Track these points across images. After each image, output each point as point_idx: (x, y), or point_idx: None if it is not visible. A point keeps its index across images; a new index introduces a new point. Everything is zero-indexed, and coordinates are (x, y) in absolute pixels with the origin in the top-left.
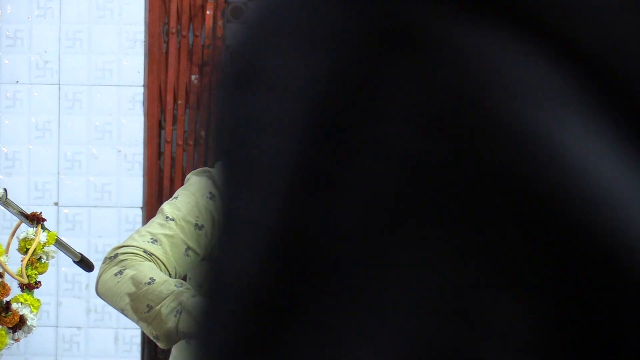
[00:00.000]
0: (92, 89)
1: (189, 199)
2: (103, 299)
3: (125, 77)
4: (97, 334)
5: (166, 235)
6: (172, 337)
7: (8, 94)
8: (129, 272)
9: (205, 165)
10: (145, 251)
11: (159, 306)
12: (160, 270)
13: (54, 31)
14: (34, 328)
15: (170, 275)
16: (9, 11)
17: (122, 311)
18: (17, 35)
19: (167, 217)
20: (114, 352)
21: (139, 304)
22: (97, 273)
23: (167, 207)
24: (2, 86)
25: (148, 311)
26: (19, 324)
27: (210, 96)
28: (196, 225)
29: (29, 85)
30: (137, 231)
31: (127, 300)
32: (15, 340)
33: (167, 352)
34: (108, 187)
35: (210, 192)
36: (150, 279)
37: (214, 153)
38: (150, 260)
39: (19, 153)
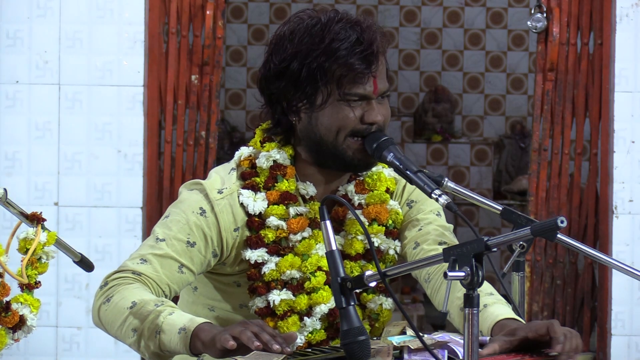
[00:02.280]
0: (92, 89)
1: (179, 217)
2: (99, 328)
3: (125, 77)
4: (97, 334)
5: (155, 255)
6: (162, 356)
7: (8, 94)
8: (114, 300)
9: (205, 166)
10: (133, 272)
11: (140, 330)
12: (150, 288)
13: (54, 31)
14: (34, 328)
15: (163, 292)
16: (8, 11)
17: (116, 338)
18: (17, 35)
19: (157, 239)
20: (114, 352)
21: (125, 330)
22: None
23: (158, 228)
24: (2, 86)
25: (133, 336)
26: (19, 324)
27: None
28: (187, 242)
29: (29, 85)
30: (130, 256)
31: (115, 327)
32: (15, 340)
33: None
34: (108, 187)
35: (200, 208)
36: (132, 302)
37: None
38: (139, 281)
39: (19, 153)
